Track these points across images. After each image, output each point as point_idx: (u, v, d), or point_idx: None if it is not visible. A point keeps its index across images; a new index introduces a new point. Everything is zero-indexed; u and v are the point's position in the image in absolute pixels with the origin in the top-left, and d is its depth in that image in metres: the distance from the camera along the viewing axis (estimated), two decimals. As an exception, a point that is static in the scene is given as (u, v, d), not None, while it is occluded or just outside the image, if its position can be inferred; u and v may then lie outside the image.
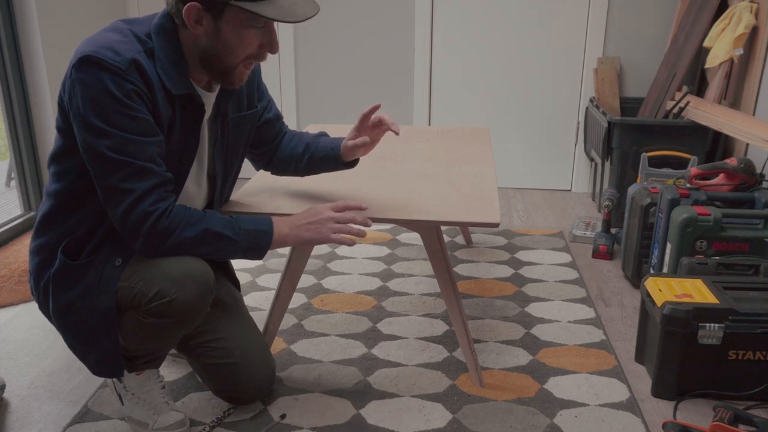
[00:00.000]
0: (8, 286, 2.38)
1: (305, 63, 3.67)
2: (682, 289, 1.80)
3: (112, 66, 1.29)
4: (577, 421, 1.68)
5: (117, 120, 1.31)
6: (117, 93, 1.30)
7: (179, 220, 1.39)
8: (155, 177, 1.36)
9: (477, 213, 1.65)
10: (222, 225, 1.42)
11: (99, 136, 1.31)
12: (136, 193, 1.34)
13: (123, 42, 1.34)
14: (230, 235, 1.42)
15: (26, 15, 2.81)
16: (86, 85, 1.30)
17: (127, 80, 1.30)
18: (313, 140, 1.77)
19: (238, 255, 1.46)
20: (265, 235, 1.46)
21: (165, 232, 1.37)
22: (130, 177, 1.33)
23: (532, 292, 2.40)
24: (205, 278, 1.43)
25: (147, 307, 1.40)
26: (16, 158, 2.93)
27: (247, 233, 1.44)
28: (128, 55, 1.32)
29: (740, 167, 2.29)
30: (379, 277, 2.54)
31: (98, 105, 1.30)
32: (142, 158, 1.34)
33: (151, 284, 1.39)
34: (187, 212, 1.41)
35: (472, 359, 1.81)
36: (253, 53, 1.40)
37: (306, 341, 2.05)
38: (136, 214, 1.35)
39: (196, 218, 1.41)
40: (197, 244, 1.41)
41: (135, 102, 1.32)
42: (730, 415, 1.61)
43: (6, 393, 1.81)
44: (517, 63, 3.53)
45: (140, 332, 1.46)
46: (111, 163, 1.33)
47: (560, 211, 3.32)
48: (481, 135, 2.53)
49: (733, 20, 2.81)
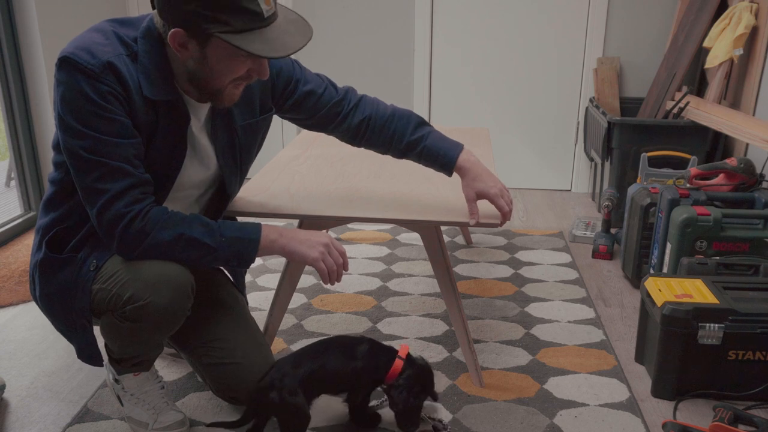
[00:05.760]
0: (8, 286, 2.38)
1: (305, 63, 3.67)
2: (682, 289, 1.80)
3: (87, 68, 1.29)
4: (577, 421, 1.68)
5: (92, 121, 1.31)
6: (92, 95, 1.29)
7: (155, 222, 1.36)
8: (130, 178, 1.35)
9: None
10: (201, 232, 1.38)
11: (74, 136, 1.32)
12: (110, 193, 1.33)
13: (103, 44, 1.33)
14: (209, 242, 1.38)
15: (26, 15, 2.81)
16: (64, 85, 1.30)
17: (101, 82, 1.30)
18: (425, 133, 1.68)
19: (219, 263, 1.42)
20: (250, 244, 1.41)
21: (139, 234, 1.35)
22: (104, 177, 1.33)
23: (532, 292, 2.40)
24: (181, 283, 1.40)
25: (121, 311, 1.39)
26: (15, 158, 2.93)
27: (228, 241, 1.39)
28: (104, 58, 1.31)
29: (740, 167, 2.29)
30: (379, 277, 2.54)
31: (74, 106, 1.30)
32: (117, 159, 1.33)
33: (125, 288, 1.38)
34: (165, 215, 1.38)
35: (472, 359, 1.81)
36: (242, 76, 1.37)
37: (306, 341, 2.05)
38: (110, 214, 1.34)
39: (174, 222, 1.37)
40: (173, 249, 1.38)
41: (111, 104, 1.31)
42: (730, 415, 1.61)
43: (6, 393, 1.81)
44: (517, 63, 3.53)
45: (119, 335, 1.46)
46: (86, 163, 1.33)
47: (560, 211, 3.32)
48: (481, 135, 2.53)
49: (733, 20, 2.81)
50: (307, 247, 1.44)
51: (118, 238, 1.36)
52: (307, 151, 2.26)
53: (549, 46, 3.48)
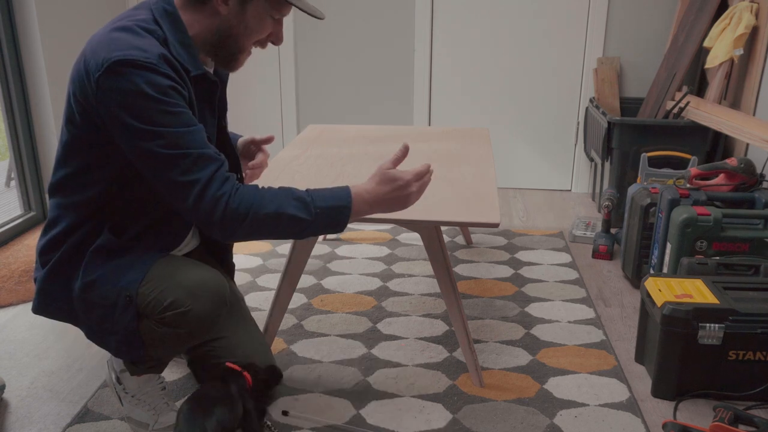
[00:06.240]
0: (8, 286, 2.38)
1: (305, 63, 3.67)
2: (682, 289, 1.80)
3: (146, 63, 1.27)
4: (577, 422, 1.68)
5: (161, 119, 1.28)
6: (153, 93, 1.27)
7: (250, 200, 1.34)
8: (214, 162, 1.33)
9: (477, 213, 1.65)
10: (297, 207, 1.37)
11: (149, 138, 1.28)
12: (201, 183, 1.31)
13: (140, 38, 1.32)
14: (305, 217, 1.37)
15: (26, 15, 2.80)
16: (121, 91, 1.27)
17: (161, 75, 1.28)
18: None
19: (315, 234, 1.42)
20: (344, 211, 1.40)
21: (238, 213, 1.33)
22: (190, 168, 1.30)
23: (532, 293, 2.40)
24: (219, 290, 1.41)
25: (161, 317, 1.39)
26: (15, 158, 2.93)
27: (323, 211, 1.38)
28: (154, 50, 1.30)
29: (740, 167, 2.29)
30: (379, 277, 2.54)
31: (139, 109, 1.27)
32: (196, 147, 1.31)
33: (165, 294, 1.38)
34: (259, 193, 1.36)
35: (472, 359, 1.81)
36: (262, 40, 1.44)
37: (306, 341, 2.05)
38: (206, 203, 1.31)
39: (269, 199, 1.36)
40: (273, 227, 1.36)
41: (172, 97, 1.30)
42: (730, 415, 1.61)
43: (6, 393, 1.81)
44: (517, 63, 3.53)
45: (153, 340, 1.45)
46: (167, 159, 1.29)
47: (560, 211, 3.32)
48: (481, 135, 2.53)
49: (733, 20, 2.81)
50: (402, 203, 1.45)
51: (218, 223, 1.32)
52: (307, 151, 2.26)
53: (549, 46, 3.48)
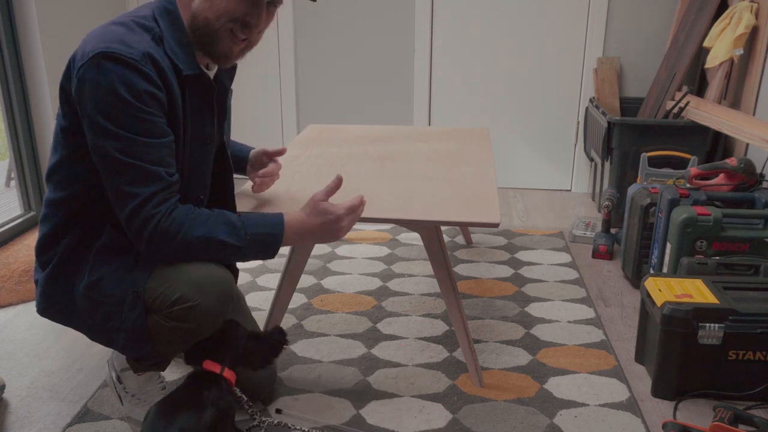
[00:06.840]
0: (8, 286, 2.38)
1: (305, 63, 3.67)
2: (682, 289, 1.80)
3: (127, 59, 1.27)
4: (577, 421, 1.68)
5: (125, 121, 1.29)
6: (125, 94, 1.27)
7: (181, 221, 1.36)
8: (159, 182, 1.34)
9: (477, 213, 1.65)
10: (227, 232, 1.39)
11: (107, 137, 1.29)
12: (141, 197, 1.32)
13: (131, 34, 1.32)
14: (235, 243, 1.39)
15: (26, 15, 2.81)
16: (96, 84, 1.27)
17: (141, 74, 1.28)
18: None
19: (245, 260, 1.44)
20: (275, 239, 1.43)
21: (167, 234, 1.35)
22: (135, 180, 1.32)
23: (532, 292, 2.40)
24: (226, 285, 1.42)
25: (168, 311, 1.39)
26: (15, 158, 2.93)
27: (253, 238, 1.41)
28: (141, 48, 1.30)
29: (740, 167, 2.29)
30: (379, 277, 2.54)
31: (107, 106, 1.28)
32: (150, 161, 1.32)
33: (173, 289, 1.38)
34: (191, 216, 1.38)
35: (472, 359, 1.81)
36: (240, 21, 1.36)
37: (306, 341, 2.05)
38: (140, 218, 1.33)
39: (199, 222, 1.38)
40: (200, 251, 1.39)
41: (144, 103, 1.30)
42: (730, 415, 1.61)
43: (6, 393, 1.81)
44: (517, 63, 3.53)
45: (160, 335, 1.44)
46: (118, 164, 1.31)
47: (560, 211, 3.32)
48: (481, 135, 2.53)
49: (733, 20, 2.81)
50: (332, 235, 1.48)
51: (146, 240, 1.35)
52: (307, 151, 2.26)
53: (549, 46, 3.48)
